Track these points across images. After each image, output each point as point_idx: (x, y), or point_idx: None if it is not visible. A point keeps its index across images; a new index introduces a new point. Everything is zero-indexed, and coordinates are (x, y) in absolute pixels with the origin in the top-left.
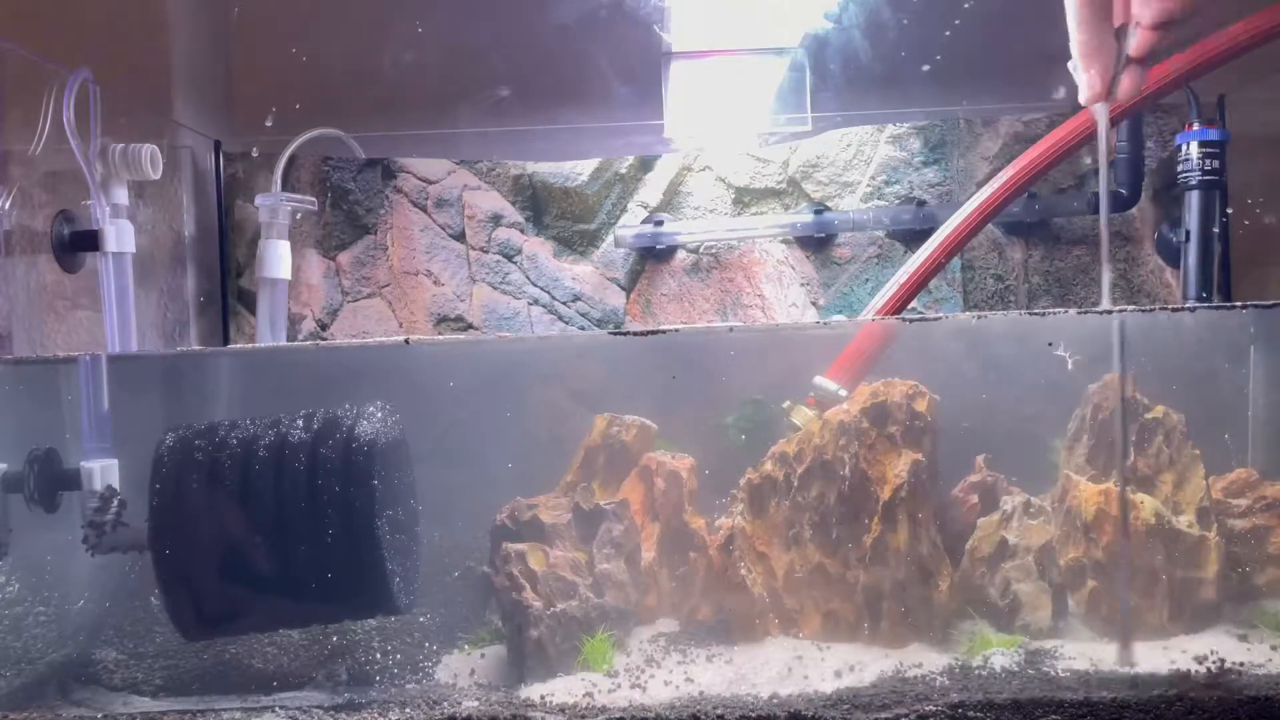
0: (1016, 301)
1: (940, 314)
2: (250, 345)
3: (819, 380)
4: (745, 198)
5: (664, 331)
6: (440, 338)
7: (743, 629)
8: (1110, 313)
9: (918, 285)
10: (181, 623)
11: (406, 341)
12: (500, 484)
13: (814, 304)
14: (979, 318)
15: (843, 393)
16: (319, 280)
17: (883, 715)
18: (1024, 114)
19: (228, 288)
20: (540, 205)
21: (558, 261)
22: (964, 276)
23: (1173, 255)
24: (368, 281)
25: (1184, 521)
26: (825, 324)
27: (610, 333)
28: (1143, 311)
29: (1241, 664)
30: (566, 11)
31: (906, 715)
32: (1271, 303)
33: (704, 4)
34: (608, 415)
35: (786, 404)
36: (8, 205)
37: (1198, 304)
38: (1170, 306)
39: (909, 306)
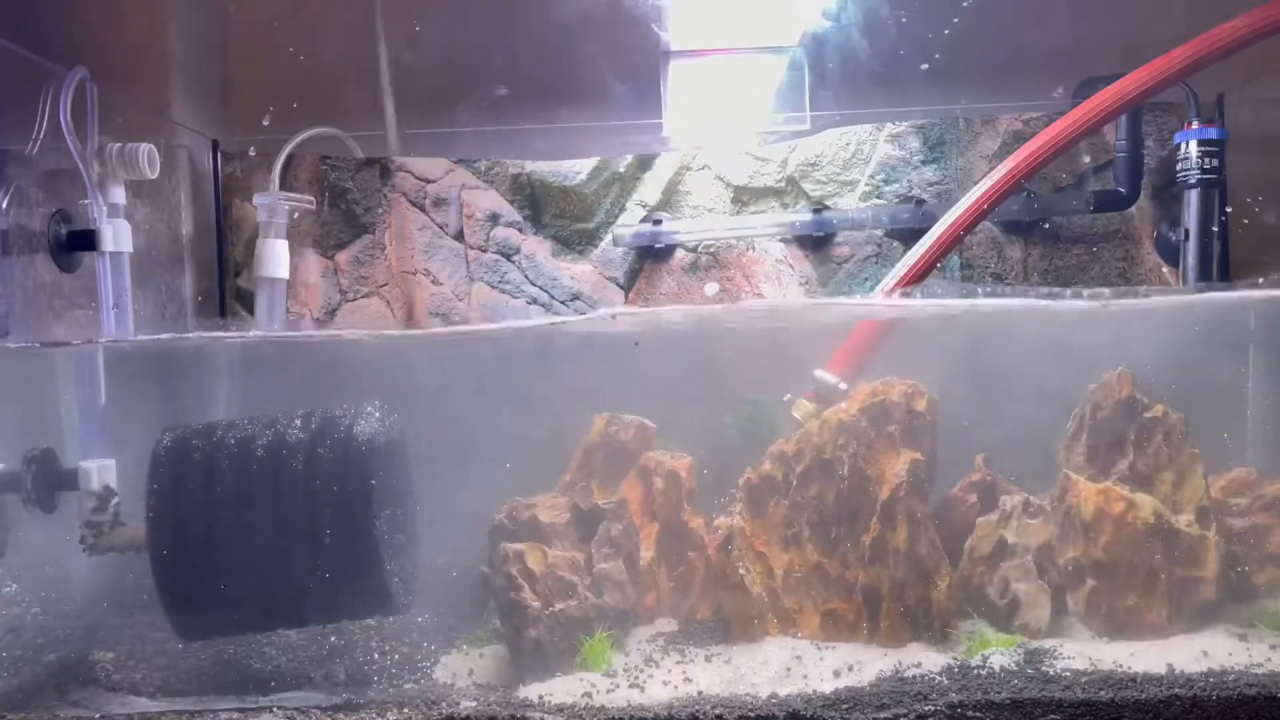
0: None
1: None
2: (232, 334)
3: (819, 374)
4: (744, 197)
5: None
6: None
7: (741, 629)
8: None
9: (935, 259)
10: (179, 623)
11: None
12: (499, 482)
13: None
14: (1104, 302)
15: (843, 385)
16: (317, 279)
17: (881, 715)
18: (1023, 112)
19: (226, 287)
20: (539, 204)
21: (556, 261)
22: (963, 275)
23: (1172, 254)
24: (366, 281)
25: (1183, 520)
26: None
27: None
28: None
29: (1241, 663)
30: (565, 11)
31: (905, 715)
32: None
33: (702, 3)
34: (606, 415)
35: (787, 397)
36: (5, 205)
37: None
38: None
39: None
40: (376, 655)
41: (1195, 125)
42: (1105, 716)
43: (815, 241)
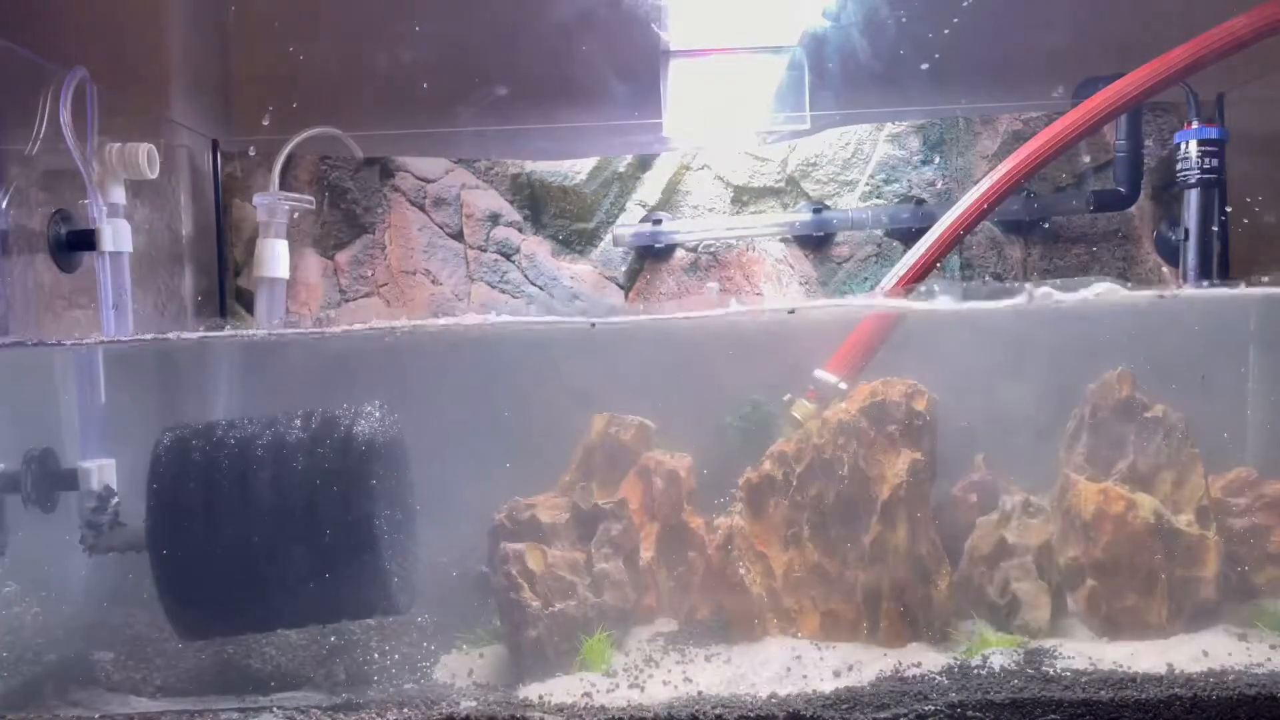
0: None
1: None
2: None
3: (819, 373)
4: (744, 196)
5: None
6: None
7: (741, 628)
8: None
9: (935, 258)
10: (179, 623)
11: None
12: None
13: None
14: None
15: (843, 385)
16: (317, 279)
17: (882, 715)
18: (1023, 112)
19: (225, 287)
20: (539, 204)
21: (556, 260)
22: (963, 275)
23: (1171, 254)
24: (366, 281)
25: (1183, 520)
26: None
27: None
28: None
29: (1241, 663)
30: (565, 11)
31: (905, 715)
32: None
33: (702, 2)
34: (606, 414)
35: (787, 398)
36: (5, 205)
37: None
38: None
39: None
40: (376, 655)
41: (1195, 125)
42: (1105, 716)
43: (815, 241)
